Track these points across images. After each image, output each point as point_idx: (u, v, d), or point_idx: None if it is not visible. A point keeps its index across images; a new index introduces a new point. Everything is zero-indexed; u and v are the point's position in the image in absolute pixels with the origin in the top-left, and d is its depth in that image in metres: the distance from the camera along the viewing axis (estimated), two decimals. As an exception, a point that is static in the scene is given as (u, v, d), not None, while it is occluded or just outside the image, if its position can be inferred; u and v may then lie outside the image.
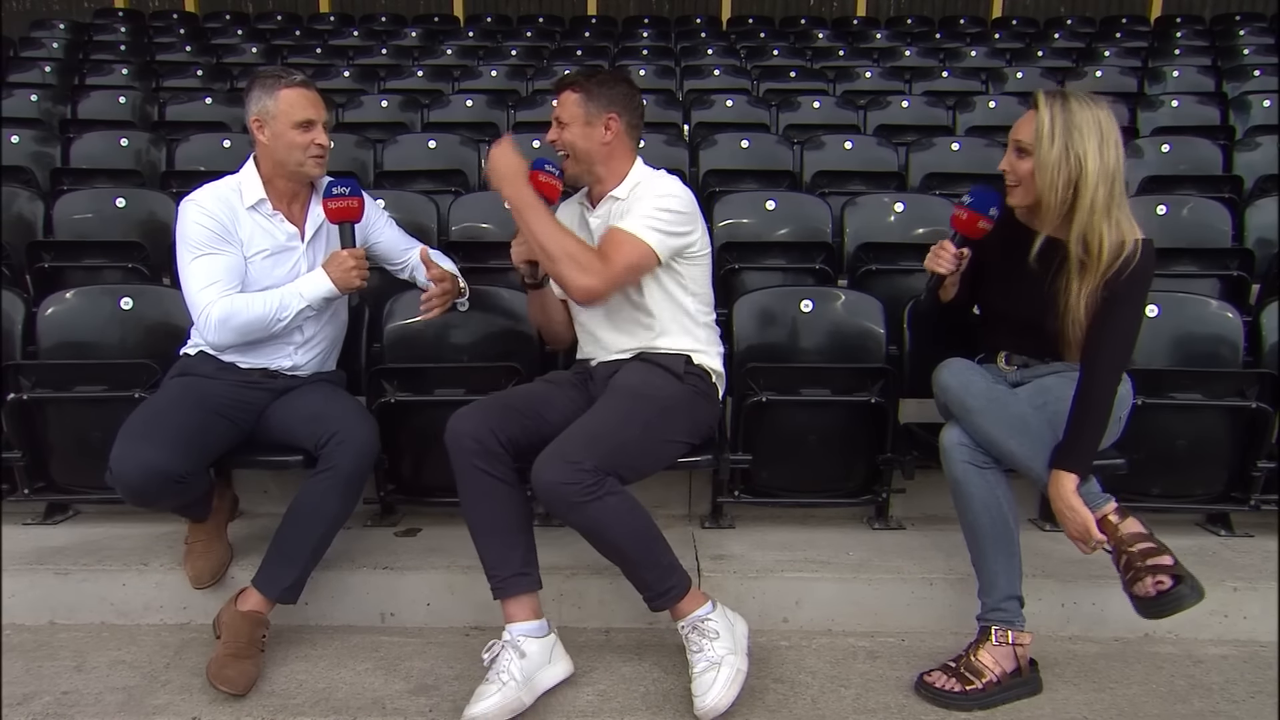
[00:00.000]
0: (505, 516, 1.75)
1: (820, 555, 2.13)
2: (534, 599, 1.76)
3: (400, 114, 4.66)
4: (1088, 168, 1.66)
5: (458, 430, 1.74)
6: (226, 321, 1.90)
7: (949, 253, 1.85)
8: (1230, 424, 2.17)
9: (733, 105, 4.68)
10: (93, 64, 5.70)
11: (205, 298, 1.90)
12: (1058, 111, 1.67)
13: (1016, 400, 1.71)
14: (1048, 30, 6.78)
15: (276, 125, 1.94)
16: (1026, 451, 1.69)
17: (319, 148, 1.97)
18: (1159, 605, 1.52)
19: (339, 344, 2.20)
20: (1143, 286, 1.72)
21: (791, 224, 3.16)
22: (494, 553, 1.75)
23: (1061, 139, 1.67)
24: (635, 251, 1.80)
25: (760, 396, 2.13)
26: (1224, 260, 2.77)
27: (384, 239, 2.22)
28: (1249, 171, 3.61)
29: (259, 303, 1.93)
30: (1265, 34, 6.17)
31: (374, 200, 2.25)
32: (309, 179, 2.02)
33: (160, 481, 1.74)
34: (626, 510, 1.68)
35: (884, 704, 1.74)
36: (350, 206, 1.94)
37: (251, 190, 1.99)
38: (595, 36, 6.75)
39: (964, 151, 3.88)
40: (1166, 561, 1.53)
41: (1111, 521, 1.61)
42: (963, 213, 1.85)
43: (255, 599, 1.83)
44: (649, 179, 1.93)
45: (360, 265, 1.95)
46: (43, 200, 3.23)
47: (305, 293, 1.95)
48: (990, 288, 1.94)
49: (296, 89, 1.94)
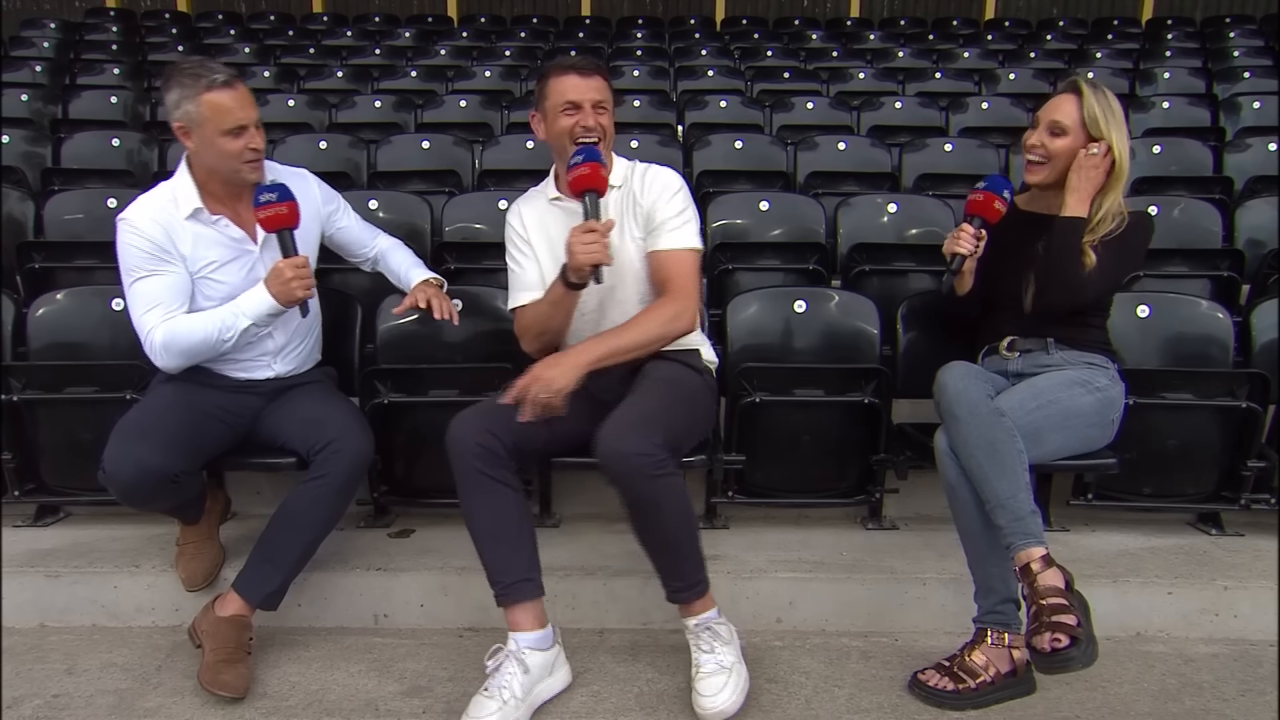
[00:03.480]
0: (509, 521, 1.71)
1: (814, 555, 2.14)
2: (539, 606, 1.73)
3: (394, 114, 4.65)
4: (1124, 153, 1.85)
5: (459, 434, 1.69)
6: (170, 346, 1.81)
7: (968, 233, 1.91)
8: (1221, 424, 2.18)
9: (726, 106, 4.69)
10: (84, 63, 5.68)
11: (148, 322, 1.81)
12: (1102, 98, 1.86)
13: (998, 424, 1.69)
14: (1040, 32, 6.82)
15: (204, 132, 1.77)
16: (983, 474, 1.67)
17: (253, 152, 1.81)
18: (1048, 662, 1.52)
19: (318, 336, 2.13)
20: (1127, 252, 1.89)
21: (785, 225, 3.17)
22: (498, 558, 1.71)
23: (1106, 118, 1.85)
24: (693, 261, 1.85)
25: (754, 397, 2.13)
26: (1215, 261, 2.79)
27: (344, 230, 2.14)
28: (1239, 173, 3.63)
29: (200, 324, 1.82)
30: (1255, 36, 6.22)
31: (331, 190, 2.15)
32: (248, 184, 1.86)
33: (154, 481, 1.72)
34: (683, 493, 1.64)
35: (878, 703, 1.74)
36: (281, 213, 1.77)
37: (187, 199, 1.84)
38: (589, 37, 6.75)
39: (957, 152, 3.90)
40: (1069, 621, 1.52)
41: (1033, 570, 1.59)
42: (979, 195, 1.91)
43: (236, 604, 1.80)
44: (636, 167, 1.93)
45: (300, 275, 1.79)
46: (33, 200, 3.22)
47: (248, 311, 1.83)
48: (1000, 274, 1.98)
49: (220, 91, 1.75)
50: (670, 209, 1.85)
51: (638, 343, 1.76)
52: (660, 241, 1.84)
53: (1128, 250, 1.89)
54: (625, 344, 1.75)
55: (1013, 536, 1.63)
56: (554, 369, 1.66)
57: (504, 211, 2.04)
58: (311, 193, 2.04)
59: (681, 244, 1.84)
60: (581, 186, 1.74)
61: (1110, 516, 2.34)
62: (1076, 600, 1.58)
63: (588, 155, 1.73)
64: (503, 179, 3.49)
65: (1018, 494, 1.64)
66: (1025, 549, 1.61)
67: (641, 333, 1.76)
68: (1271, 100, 4.55)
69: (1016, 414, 1.74)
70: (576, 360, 1.68)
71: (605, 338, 1.76)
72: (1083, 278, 1.84)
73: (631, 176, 1.92)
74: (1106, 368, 1.91)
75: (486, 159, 3.91)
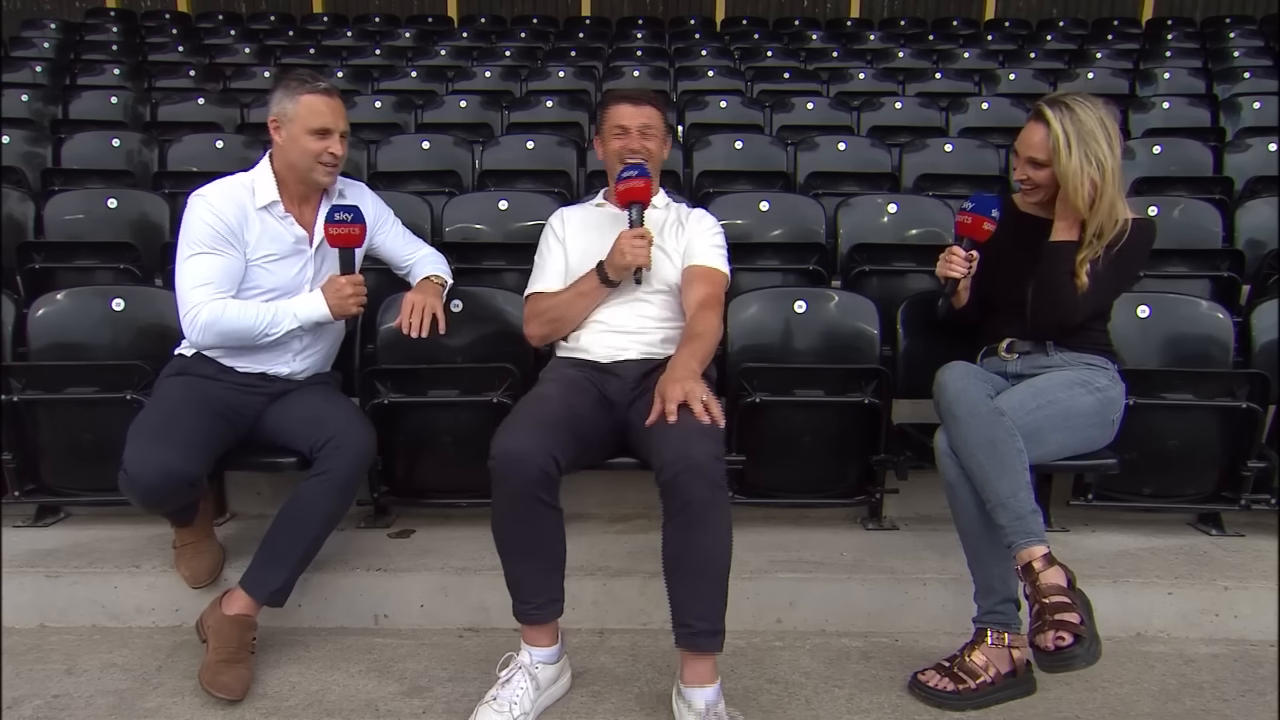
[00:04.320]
0: (552, 544, 1.69)
1: (814, 556, 2.14)
2: (557, 622, 1.74)
3: (394, 114, 4.65)
4: (1106, 168, 1.79)
5: (519, 453, 1.59)
6: (212, 325, 1.88)
7: (959, 257, 1.92)
8: (1221, 424, 2.18)
9: (726, 106, 4.69)
10: (84, 64, 5.68)
11: (196, 297, 1.88)
12: (1067, 122, 1.79)
13: (997, 423, 1.69)
14: (1040, 32, 6.82)
15: (293, 129, 1.92)
16: (983, 473, 1.67)
17: (332, 156, 1.94)
18: (1051, 660, 1.53)
19: (336, 348, 2.19)
20: (1129, 260, 1.87)
21: (785, 225, 3.17)
22: (533, 579, 1.68)
23: (1079, 148, 1.78)
24: (722, 280, 2.01)
25: (754, 397, 2.13)
26: (1215, 261, 2.79)
27: (389, 242, 2.20)
28: (1239, 173, 3.64)
29: (251, 313, 1.90)
30: (1255, 36, 6.22)
31: (385, 206, 2.23)
32: (319, 187, 2.00)
33: (177, 483, 1.73)
34: (730, 519, 1.60)
35: (878, 704, 1.74)
36: (352, 234, 1.90)
37: (265, 190, 1.96)
38: (589, 37, 6.75)
39: (957, 152, 3.90)
40: (1072, 619, 1.53)
41: (1035, 568, 1.59)
42: (967, 218, 1.91)
43: (243, 602, 1.81)
44: (683, 208, 2.12)
45: (358, 293, 1.92)
46: (34, 201, 3.22)
47: (299, 313, 1.93)
48: (998, 278, 1.98)
49: (319, 95, 1.92)
50: (711, 240, 2.04)
51: (710, 351, 1.84)
52: (699, 259, 1.99)
53: (1126, 261, 1.87)
54: (705, 352, 1.81)
55: (1014, 535, 1.63)
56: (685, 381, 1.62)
57: (504, 212, 2.07)
58: (366, 206, 2.12)
59: (712, 262, 2.00)
60: (630, 198, 1.90)
61: (1110, 517, 2.34)
62: (1079, 599, 1.58)
63: (639, 171, 1.90)
64: (503, 179, 3.49)
65: (1018, 493, 1.64)
66: (1027, 547, 1.61)
67: (711, 343, 1.85)
68: (1271, 100, 4.55)
69: (1017, 414, 1.74)
70: (692, 371, 1.69)
71: (691, 349, 1.77)
72: (1075, 301, 1.84)
73: (675, 209, 2.10)
74: (1106, 368, 1.91)
75: (486, 159, 3.91)
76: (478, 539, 2.20)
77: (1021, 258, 1.93)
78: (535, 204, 3.17)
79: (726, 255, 2.05)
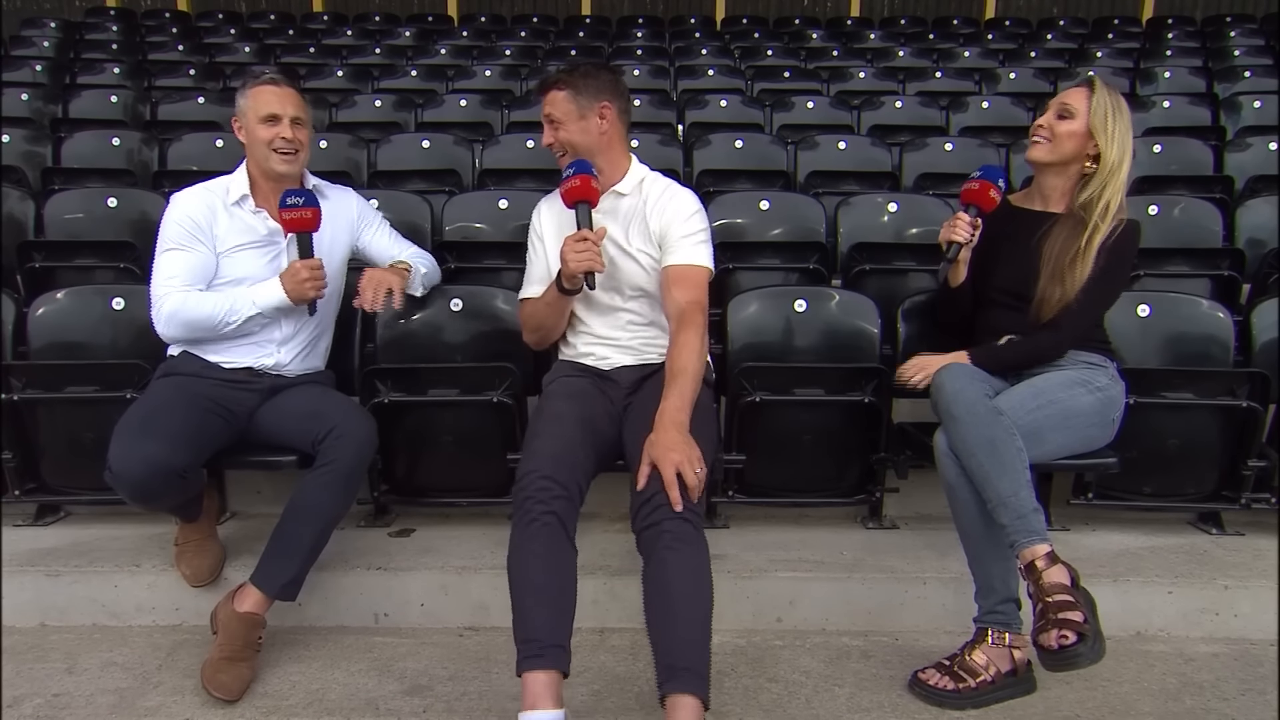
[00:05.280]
0: (567, 580, 1.57)
1: (814, 555, 2.14)
2: (560, 681, 1.50)
3: (394, 113, 4.65)
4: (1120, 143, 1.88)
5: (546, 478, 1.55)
6: (175, 315, 1.93)
7: (964, 221, 1.93)
8: (1221, 423, 2.18)
9: (727, 105, 4.69)
10: (84, 63, 5.67)
11: (162, 290, 1.94)
12: (1111, 94, 1.91)
13: (996, 422, 1.69)
14: (1040, 31, 6.81)
15: (247, 121, 1.99)
16: (984, 473, 1.67)
17: (284, 141, 1.97)
18: (1056, 659, 1.53)
19: (326, 343, 2.18)
20: (1119, 259, 1.89)
21: (785, 224, 3.17)
22: (541, 617, 1.52)
23: (1114, 120, 1.88)
24: (703, 277, 1.87)
25: (754, 396, 2.13)
26: (1215, 260, 2.79)
27: (375, 241, 2.23)
28: (1240, 172, 3.63)
29: (209, 302, 1.94)
30: (1256, 35, 6.21)
31: (373, 211, 2.26)
32: (276, 175, 2.01)
33: (163, 477, 1.73)
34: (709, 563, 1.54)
35: (878, 702, 1.74)
36: (304, 217, 1.91)
37: (237, 187, 2.02)
38: (589, 36, 6.75)
39: (957, 152, 3.90)
40: (1076, 617, 1.52)
41: (1038, 567, 1.59)
42: (974, 184, 1.94)
43: (254, 597, 1.82)
44: (656, 181, 1.96)
45: (314, 277, 1.93)
46: (34, 200, 3.21)
47: (258, 300, 1.95)
48: (992, 270, 1.99)
49: (264, 85, 1.98)
50: (686, 228, 1.87)
51: (697, 386, 1.71)
52: (675, 257, 1.86)
53: (1118, 259, 1.88)
54: (692, 390, 1.69)
55: (1016, 534, 1.63)
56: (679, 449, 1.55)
57: (504, 211, 2.06)
58: (348, 206, 2.19)
59: (689, 258, 1.86)
60: (573, 198, 1.81)
61: (1111, 516, 2.34)
62: (1082, 597, 1.58)
63: (579, 168, 1.80)
64: (503, 178, 3.49)
65: (1019, 491, 1.64)
66: (1029, 546, 1.61)
67: (696, 376, 1.71)
68: (1272, 100, 4.55)
69: (1016, 414, 1.74)
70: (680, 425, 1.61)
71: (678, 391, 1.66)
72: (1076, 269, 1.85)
73: (646, 189, 1.94)
74: (1106, 367, 1.91)
75: (486, 158, 3.91)
76: (478, 538, 2.21)
77: (1015, 251, 1.94)
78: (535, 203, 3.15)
79: (708, 240, 1.90)
